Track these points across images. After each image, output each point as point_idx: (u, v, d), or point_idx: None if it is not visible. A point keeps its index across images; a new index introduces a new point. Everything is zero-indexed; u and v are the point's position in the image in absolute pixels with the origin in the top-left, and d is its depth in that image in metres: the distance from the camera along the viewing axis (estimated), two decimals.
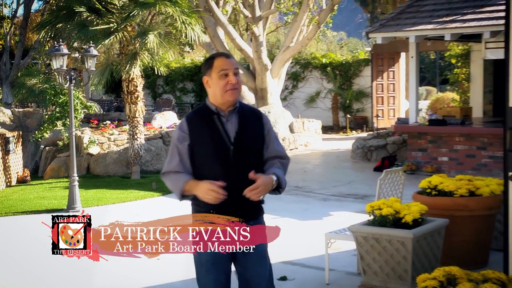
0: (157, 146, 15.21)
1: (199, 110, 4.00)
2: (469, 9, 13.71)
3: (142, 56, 13.67)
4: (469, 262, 6.27)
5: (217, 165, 3.77)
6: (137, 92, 13.99)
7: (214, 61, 3.83)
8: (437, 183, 6.77)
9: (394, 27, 14.50)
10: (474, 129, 13.34)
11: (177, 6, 13.41)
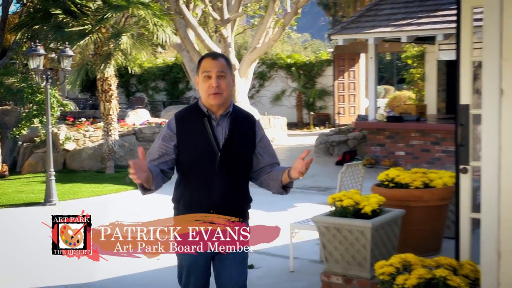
0: (130, 142, 15.15)
1: (191, 109, 3.67)
2: (424, 13, 13.85)
3: (116, 56, 13.62)
4: (424, 249, 6.34)
5: (202, 170, 3.50)
6: (111, 91, 13.95)
7: (201, 61, 3.54)
8: (394, 176, 6.83)
9: (354, 30, 14.59)
10: (428, 125, 13.49)
11: (149, 9, 13.41)
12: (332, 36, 15.49)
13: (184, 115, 3.64)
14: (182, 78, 25.91)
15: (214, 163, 3.47)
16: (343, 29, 15.00)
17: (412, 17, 13.93)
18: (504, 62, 3.23)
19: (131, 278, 6.43)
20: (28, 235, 8.47)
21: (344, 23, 15.71)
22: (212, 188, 3.46)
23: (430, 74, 17.16)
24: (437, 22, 13.37)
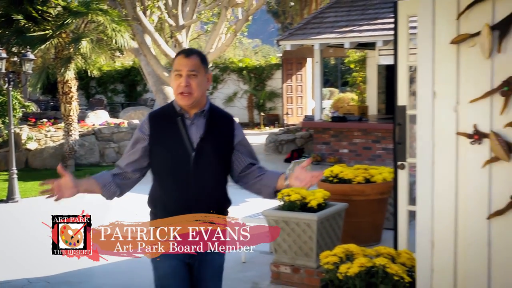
0: (90, 141, 14.95)
1: (164, 108, 3.33)
2: (365, 21, 14.01)
3: (76, 60, 13.43)
4: (365, 240, 6.42)
5: (177, 172, 3.14)
6: (71, 93, 13.74)
7: (175, 59, 3.19)
8: (338, 172, 6.89)
9: (301, 36, 14.67)
10: (369, 125, 13.65)
11: (108, 15, 13.28)
12: (280, 42, 15.56)
13: (157, 115, 3.30)
14: (139, 81, 25.66)
15: (188, 164, 3.12)
16: (291, 35, 15.08)
17: (354, 25, 14.09)
18: (436, 67, 3.29)
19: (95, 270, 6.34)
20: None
21: (292, 30, 15.79)
22: (188, 190, 3.12)
23: (371, 78, 17.36)
24: (377, 29, 13.55)
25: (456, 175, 3.26)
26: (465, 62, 3.20)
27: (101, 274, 6.22)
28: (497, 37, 3.08)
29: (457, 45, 3.21)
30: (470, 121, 3.19)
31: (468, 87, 3.19)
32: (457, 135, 3.24)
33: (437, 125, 3.31)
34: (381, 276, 3.74)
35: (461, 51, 3.21)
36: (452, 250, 3.31)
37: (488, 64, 3.12)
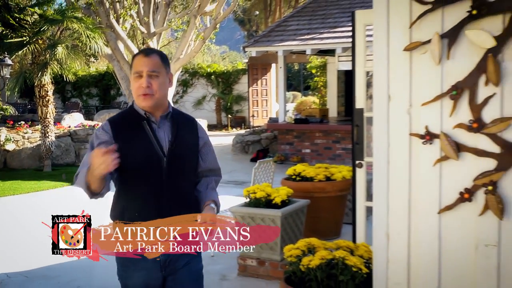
0: (66, 142, 14.78)
1: (125, 113, 2.93)
2: (325, 29, 14.09)
3: (52, 65, 13.26)
4: (326, 234, 6.45)
5: (149, 178, 2.80)
6: (48, 97, 13.57)
7: (133, 60, 2.86)
8: (300, 171, 6.92)
9: (266, 43, 14.69)
10: (330, 126, 13.73)
11: (82, 22, 13.17)
12: (246, 48, 15.56)
13: (118, 120, 2.90)
14: (113, 85, 25.44)
15: (160, 168, 2.80)
16: (256, 42, 15.09)
17: (315, 33, 14.16)
18: (391, 72, 3.31)
19: (71, 264, 6.26)
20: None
21: (257, 37, 15.80)
22: (161, 195, 2.80)
23: (331, 82, 17.47)
24: (336, 37, 13.64)
25: (409, 173, 3.29)
26: (417, 68, 3.23)
27: (77, 268, 6.14)
28: (446, 44, 3.12)
29: (410, 52, 3.23)
30: (422, 122, 3.22)
31: (420, 91, 3.22)
32: (410, 135, 3.27)
33: (391, 127, 3.33)
34: (341, 267, 3.76)
35: (414, 58, 3.23)
36: (406, 242, 3.33)
37: (438, 69, 3.15)
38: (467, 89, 3.08)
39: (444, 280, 3.24)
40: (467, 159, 3.11)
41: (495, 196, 3.03)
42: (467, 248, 3.15)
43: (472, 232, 3.13)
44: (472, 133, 3.08)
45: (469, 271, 3.15)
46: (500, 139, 3.02)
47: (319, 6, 15.62)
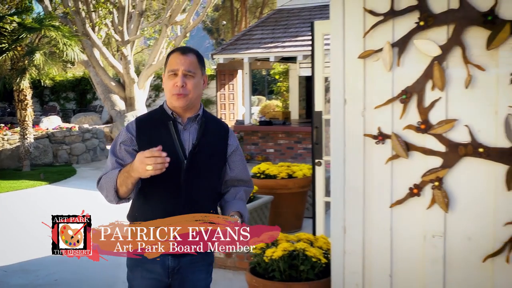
0: (44, 144, 14.51)
1: (154, 113, 2.65)
2: (287, 38, 14.13)
3: (30, 71, 13.02)
4: (288, 227, 6.47)
5: (166, 181, 2.45)
6: (26, 100, 13.31)
7: (169, 57, 2.54)
8: (264, 169, 6.93)
9: (233, 51, 14.67)
10: (292, 128, 13.77)
11: (59, 30, 12.96)
12: (214, 56, 15.50)
13: (145, 118, 2.64)
14: (89, 89, 25.03)
15: (179, 172, 2.48)
16: (224, 50, 15.05)
17: (278, 41, 14.19)
18: (346, 78, 3.34)
19: (49, 259, 6.15)
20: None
21: (224, 45, 15.76)
22: (176, 202, 2.49)
23: (293, 87, 17.52)
24: (297, 45, 13.68)
25: (363, 171, 3.32)
26: (370, 74, 3.26)
27: (55, 262, 6.04)
28: (396, 53, 3.16)
29: (364, 59, 3.26)
30: (375, 124, 3.26)
31: (373, 95, 3.25)
32: (364, 136, 3.29)
33: (347, 128, 3.36)
34: (302, 258, 3.77)
35: (367, 65, 3.26)
36: (361, 234, 3.36)
37: (389, 76, 3.19)
38: (415, 93, 3.12)
39: (395, 268, 3.28)
40: (416, 157, 3.15)
41: (441, 191, 3.08)
42: (416, 239, 3.20)
43: (420, 224, 3.17)
44: (420, 133, 3.13)
45: (418, 260, 3.20)
46: (445, 139, 3.07)
47: (281, 16, 15.68)
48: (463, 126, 3.02)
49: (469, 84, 2.99)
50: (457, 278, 3.11)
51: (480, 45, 2.95)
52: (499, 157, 2.94)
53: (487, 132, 2.97)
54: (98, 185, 2.56)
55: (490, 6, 2.91)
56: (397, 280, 3.27)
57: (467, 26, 2.97)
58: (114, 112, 18.14)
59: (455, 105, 3.04)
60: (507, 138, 2.91)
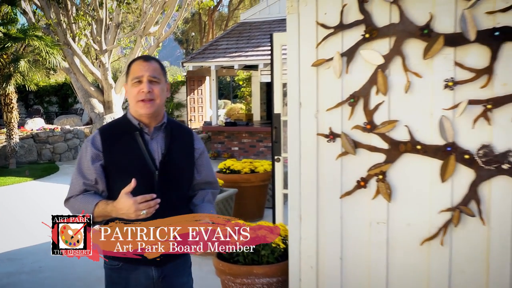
0: (29, 143, 14.16)
1: (117, 123, 2.36)
2: (250, 49, 14.14)
3: (15, 77, 12.68)
4: (251, 216, 6.48)
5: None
6: (12, 104, 12.95)
7: (130, 66, 2.29)
8: (230, 165, 6.91)
9: (201, 59, 14.60)
10: (254, 128, 13.78)
11: (42, 40, 12.68)
12: (184, 64, 15.40)
13: (110, 130, 2.33)
14: (71, 94, 24.53)
15: (152, 183, 2.25)
16: (192, 59, 14.96)
17: (241, 51, 14.18)
18: (301, 84, 3.35)
19: (34, 248, 6.00)
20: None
21: (193, 54, 15.66)
22: (153, 212, 2.19)
23: (255, 92, 17.54)
24: (259, 54, 13.70)
25: (317, 166, 3.33)
26: (323, 80, 3.27)
27: (40, 251, 5.91)
28: (345, 61, 3.18)
29: (317, 67, 3.27)
30: (327, 125, 3.27)
31: (325, 99, 3.27)
32: (317, 135, 3.30)
33: (302, 128, 3.36)
34: (263, 244, 3.76)
35: (320, 72, 3.27)
36: (315, 222, 3.38)
37: (339, 82, 3.21)
38: (362, 97, 3.14)
39: (345, 252, 3.30)
40: (362, 154, 3.18)
41: (384, 183, 3.12)
42: (363, 226, 3.22)
43: (366, 212, 3.20)
44: (366, 133, 3.15)
45: (365, 244, 3.23)
46: (388, 137, 3.10)
47: (244, 29, 15.68)
48: (403, 126, 3.06)
49: (408, 89, 3.02)
50: (399, 259, 3.15)
51: (418, 55, 2.99)
52: (434, 153, 2.99)
53: (424, 132, 3.02)
54: (67, 205, 2.32)
55: (426, 21, 2.95)
56: (346, 262, 3.30)
57: (407, 38, 3.00)
58: (93, 114, 17.83)
59: (396, 108, 3.07)
60: (441, 136, 2.96)
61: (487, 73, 2.83)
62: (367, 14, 3.09)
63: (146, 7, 16.92)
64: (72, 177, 2.31)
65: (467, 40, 2.85)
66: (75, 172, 2.29)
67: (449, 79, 2.91)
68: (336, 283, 3.32)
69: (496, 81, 2.82)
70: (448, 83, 2.91)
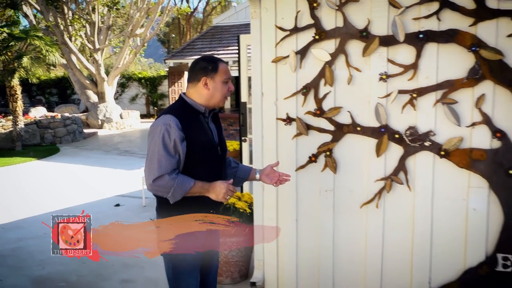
0: (33, 129, 13.73)
1: (183, 107, 2.30)
2: (221, 48, 14.02)
3: (19, 71, 12.25)
4: None
5: (210, 164, 2.28)
6: (17, 95, 12.51)
7: (219, 66, 2.31)
8: None
9: (180, 57, 14.40)
10: (225, 115, 13.71)
11: (42, 40, 12.25)
12: (166, 61, 15.17)
13: (182, 114, 2.25)
14: (68, 86, 23.83)
15: (217, 154, 2.34)
16: (173, 56, 14.75)
17: (214, 50, 14.05)
18: (263, 77, 3.34)
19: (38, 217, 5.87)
20: None
21: (174, 53, 15.46)
22: (220, 173, 2.35)
23: None
24: (229, 53, 13.61)
25: (276, 145, 3.35)
26: (281, 74, 3.27)
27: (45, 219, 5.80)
28: (299, 58, 3.18)
29: (276, 63, 3.26)
30: (284, 111, 3.28)
31: (282, 89, 3.27)
32: (277, 120, 3.31)
33: (264, 114, 3.36)
34: (232, 210, 3.79)
35: (278, 67, 3.27)
36: (275, 191, 3.40)
37: (294, 75, 3.21)
38: (312, 88, 3.16)
39: (299, 214, 3.34)
40: (313, 134, 3.21)
41: (331, 159, 3.16)
42: (314, 193, 3.26)
43: (317, 182, 3.24)
44: (316, 117, 3.18)
45: (316, 209, 3.27)
46: (334, 121, 3.13)
47: (216, 31, 15.52)
48: (346, 111, 3.09)
49: (350, 81, 3.06)
50: (343, 220, 3.21)
51: (358, 53, 3.02)
52: (371, 133, 3.04)
53: (363, 116, 3.06)
54: (160, 182, 2.14)
55: (365, 25, 2.98)
56: (301, 223, 3.34)
57: (349, 39, 3.03)
58: (89, 104, 17.46)
59: (341, 97, 3.10)
60: (377, 120, 3.01)
61: (413, 68, 2.88)
62: (317, 19, 3.10)
63: (133, 12, 16.53)
64: (157, 157, 2.15)
65: (397, 41, 2.90)
66: (161, 152, 2.15)
67: (383, 73, 2.95)
68: (292, 240, 3.37)
69: (420, 74, 2.88)
70: (382, 76, 2.96)
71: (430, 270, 2.99)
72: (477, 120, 2.78)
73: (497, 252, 2.80)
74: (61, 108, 19.66)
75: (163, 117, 2.21)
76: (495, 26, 2.69)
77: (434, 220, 2.95)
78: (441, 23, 2.80)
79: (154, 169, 2.13)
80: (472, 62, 2.75)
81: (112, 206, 6.49)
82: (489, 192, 2.81)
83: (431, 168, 2.92)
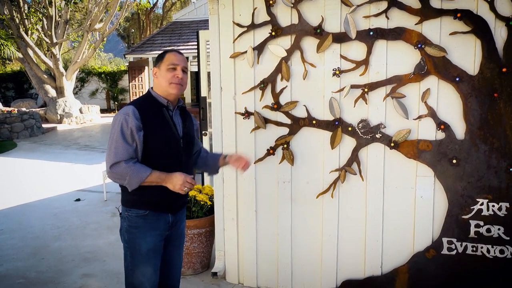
0: None
1: (146, 99, 2.30)
2: (181, 43, 13.82)
3: None
4: None
5: (170, 157, 2.25)
6: None
7: (165, 55, 2.29)
8: None
9: (140, 52, 14.09)
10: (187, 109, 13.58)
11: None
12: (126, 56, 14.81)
13: (143, 105, 2.24)
14: (26, 80, 22.82)
15: (178, 150, 2.29)
16: (133, 51, 14.41)
17: (174, 45, 13.83)
18: (222, 72, 3.32)
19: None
20: None
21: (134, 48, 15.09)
22: (180, 168, 2.28)
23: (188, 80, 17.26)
24: (188, 48, 13.44)
25: (235, 138, 3.34)
26: (239, 69, 3.25)
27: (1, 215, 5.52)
28: (256, 54, 3.17)
29: (234, 59, 3.25)
30: (243, 105, 3.27)
31: (241, 84, 3.26)
32: (235, 114, 3.30)
33: (223, 108, 3.35)
34: (193, 202, 3.75)
35: (236, 63, 3.26)
36: (235, 183, 3.40)
37: (252, 70, 3.20)
38: (270, 83, 3.17)
39: (259, 205, 3.35)
40: (271, 128, 3.22)
41: (288, 151, 3.18)
42: (272, 184, 3.28)
43: (275, 174, 3.26)
44: (273, 111, 3.19)
45: (274, 199, 3.30)
46: (290, 114, 3.15)
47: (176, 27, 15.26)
48: (302, 106, 3.12)
49: (306, 76, 3.08)
50: (300, 210, 3.25)
51: (313, 49, 3.04)
52: (326, 126, 3.08)
53: (318, 110, 3.10)
54: (116, 168, 2.14)
55: (319, 22, 3.00)
56: (260, 214, 3.35)
57: (304, 36, 3.04)
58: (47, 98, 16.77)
59: (297, 91, 3.12)
60: (331, 113, 3.05)
61: (364, 64, 2.94)
62: (273, 16, 3.09)
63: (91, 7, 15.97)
64: (115, 144, 2.15)
65: (349, 38, 2.94)
66: (119, 139, 2.15)
67: (336, 68, 2.99)
68: (252, 230, 3.38)
69: (371, 70, 2.94)
70: (335, 72, 2.99)
71: (382, 255, 3.08)
72: (423, 113, 2.87)
73: (443, 236, 2.92)
74: (18, 103, 18.80)
75: (125, 108, 2.24)
76: (439, 24, 2.78)
77: (385, 208, 3.03)
78: (390, 21, 2.86)
79: (112, 156, 2.16)
80: (418, 59, 2.84)
81: (72, 201, 6.29)
82: (435, 180, 2.91)
83: (382, 158, 2.99)
